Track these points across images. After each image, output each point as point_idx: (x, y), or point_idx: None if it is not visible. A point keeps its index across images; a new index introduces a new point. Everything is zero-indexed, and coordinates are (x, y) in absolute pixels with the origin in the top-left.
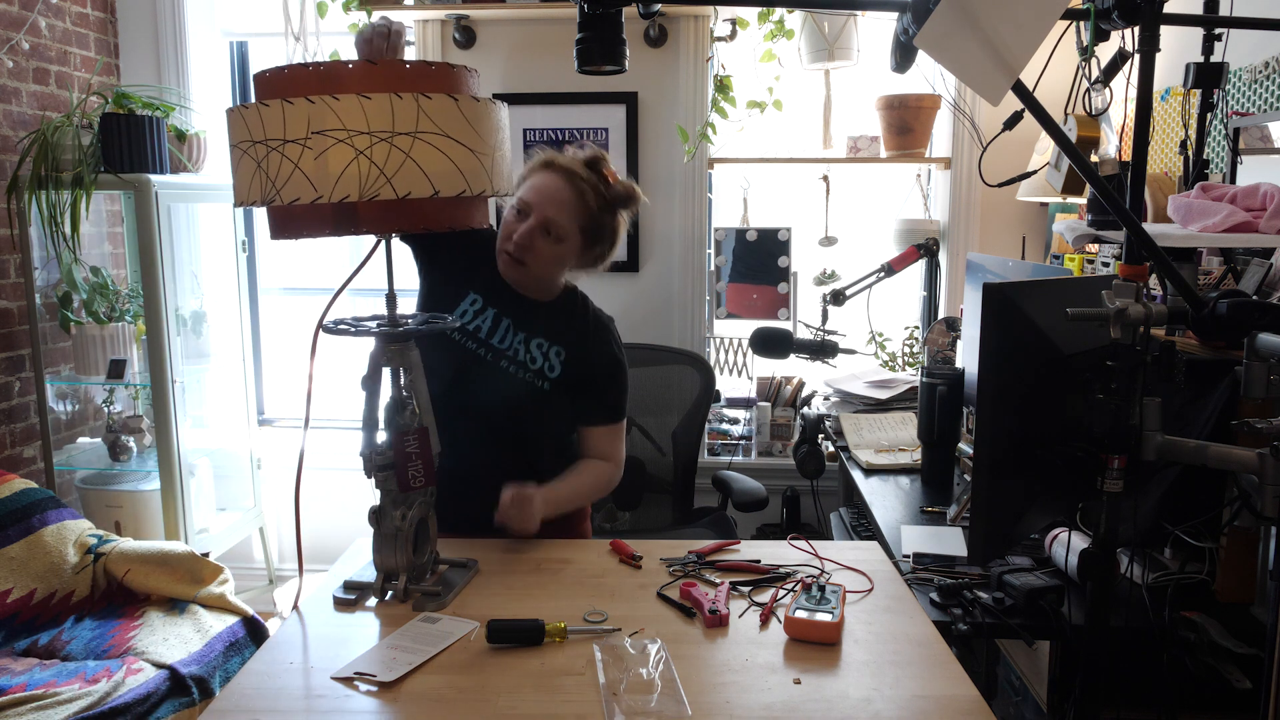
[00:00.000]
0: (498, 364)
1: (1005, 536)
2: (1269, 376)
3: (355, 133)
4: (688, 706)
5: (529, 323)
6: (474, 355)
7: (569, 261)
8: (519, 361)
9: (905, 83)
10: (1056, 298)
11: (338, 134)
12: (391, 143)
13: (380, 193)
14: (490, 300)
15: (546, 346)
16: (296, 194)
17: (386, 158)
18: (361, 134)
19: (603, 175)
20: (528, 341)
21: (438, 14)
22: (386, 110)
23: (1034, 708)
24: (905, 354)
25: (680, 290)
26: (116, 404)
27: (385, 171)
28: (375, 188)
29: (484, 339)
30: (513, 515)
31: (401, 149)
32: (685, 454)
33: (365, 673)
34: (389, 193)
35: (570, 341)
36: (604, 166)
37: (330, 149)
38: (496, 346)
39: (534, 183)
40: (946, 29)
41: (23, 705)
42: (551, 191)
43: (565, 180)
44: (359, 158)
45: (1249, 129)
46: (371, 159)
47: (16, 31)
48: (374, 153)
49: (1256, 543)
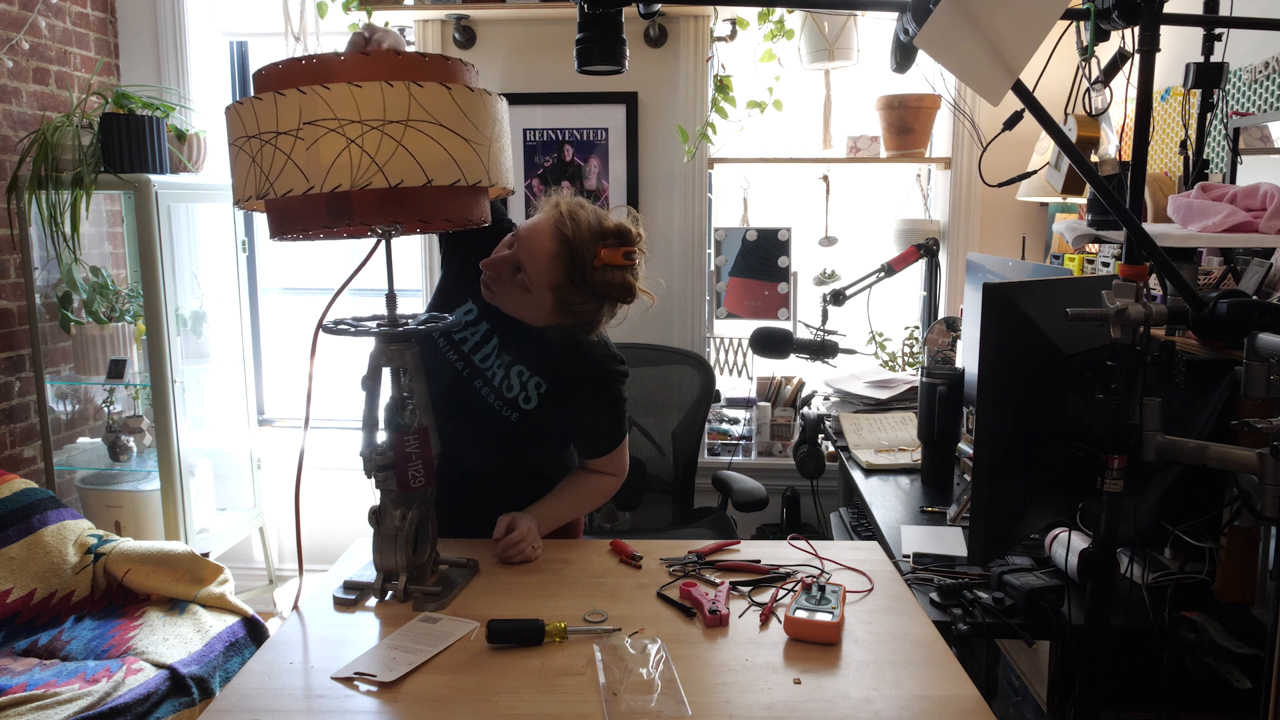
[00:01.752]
0: (471, 383)
1: (1005, 536)
2: (1269, 376)
3: (346, 121)
4: (688, 706)
5: (516, 346)
6: (452, 368)
7: (540, 315)
8: (493, 386)
9: (905, 83)
10: (1056, 298)
11: (329, 123)
12: (383, 131)
13: (372, 181)
14: (485, 313)
15: (527, 376)
16: (290, 185)
17: (378, 146)
18: (353, 123)
19: (595, 255)
20: (509, 367)
21: (438, 14)
22: (378, 99)
23: (1034, 708)
24: (905, 354)
25: (680, 290)
26: (116, 404)
27: (377, 160)
28: (367, 176)
29: (466, 353)
30: (512, 555)
31: (394, 137)
32: (685, 454)
33: (365, 673)
34: (381, 181)
35: (555, 377)
36: (631, 234)
37: (322, 138)
38: (476, 364)
39: (535, 219)
40: (946, 29)
41: (23, 705)
42: (536, 239)
43: (553, 236)
44: (350, 146)
45: (1249, 129)
46: (363, 147)
47: (16, 31)
48: (365, 141)
49: (1256, 543)
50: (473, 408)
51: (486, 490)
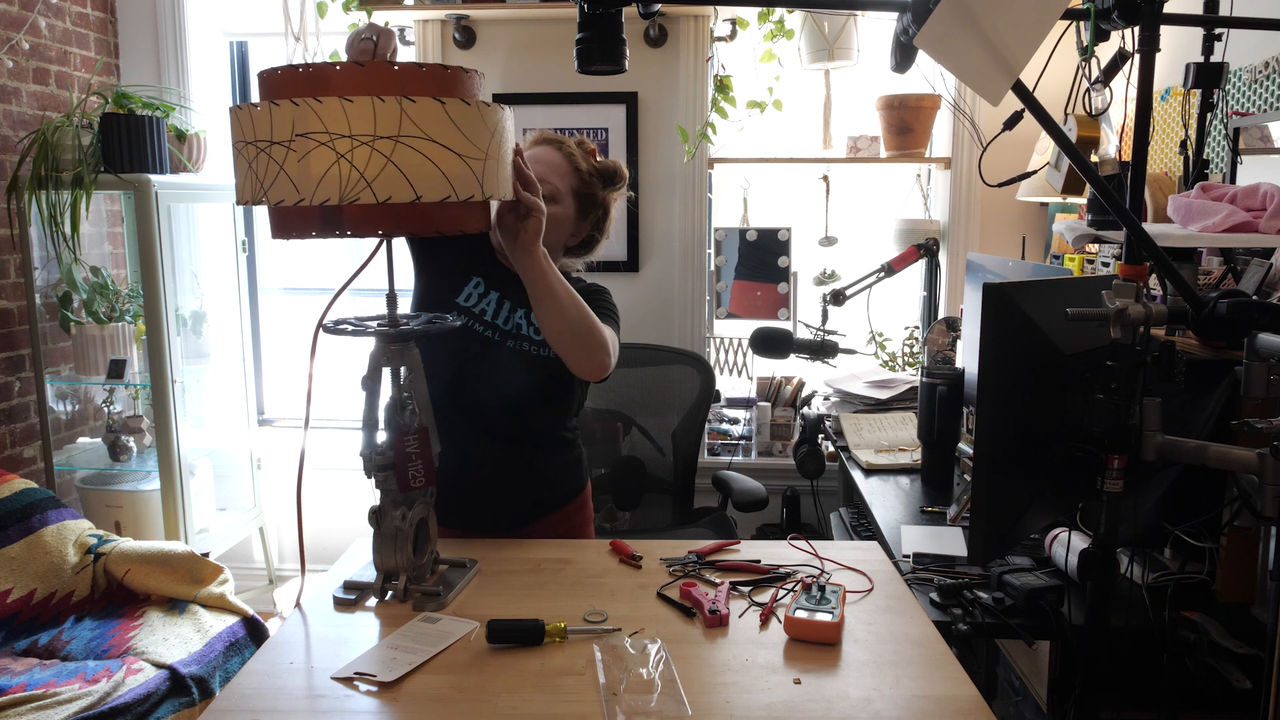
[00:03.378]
0: (504, 344)
1: (1005, 536)
2: (1269, 376)
3: (337, 135)
4: (688, 706)
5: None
6: (482, 338)
7: (567, 229)
8: (522, 336)
9: (905, 83)
10: (1056, 298)
11: (319, 136)
12: (373, 146)
13: (360, 197)
14: (493, 283)
15: None
16: (281, 195)
17: (367, 161)
18: (343, 137)
19: (589, 151)
20: (528, 315)
21: (438, 14)
22: (369, 114)
23: (1034, 708)
24: (905, 354)
25: (680, 290)
26: (116, 404)
27: (365, 175)
28: (355, 192)
29: (490, 320)
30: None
31: (383, 153)
32: (685, 454)
33: (365, 673)
34: (369, 197)
35: None
36: (588, 145)
37: (312, 151)
38: (502, 327)
39: (530, 152)
40: (946, 29)
41: (23, 705)
42: (540, 156)
43: (553, 147)
44: (339, 161)
45: (1249, 129)
46: (352, 163)
47: (16, 31)
48: (355, 156)
49: (1256, 543)
50: (515, 363)
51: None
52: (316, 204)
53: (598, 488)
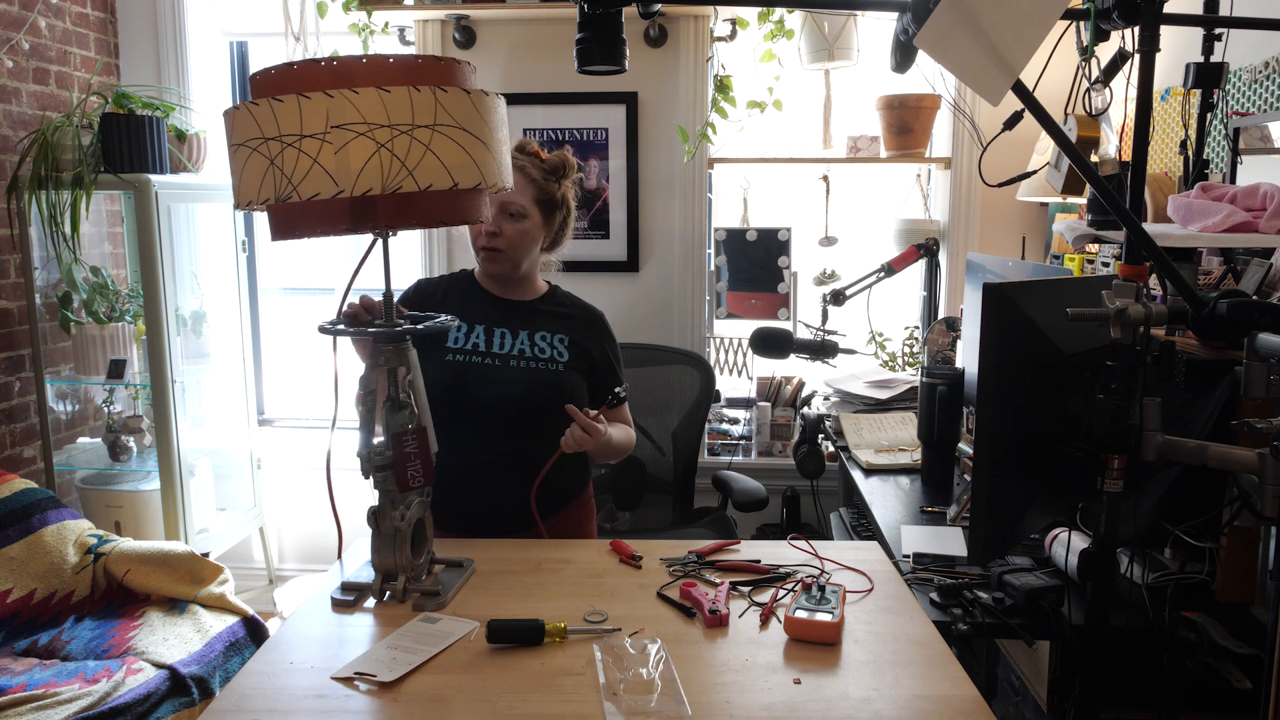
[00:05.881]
0: (507, 365)
1: (1005, 536)
2: (1269, 376)
3: (376, 125)
4: (688, 706)
5: (527, 321)
6: (482, 367)
7: (538, 236)
8: (528, 356)
9: (905, 83)
10: (1056, 298)
11: (358, 127)
12: (412, 135)
13: (403, 185)
14: (476, 319)
15: (550, 336)
16: (316, 189)
17: (408, 150)
18: (382, 127)
19: (533, 153)
20: (531, 337)
21: (438, 14)
22: (406, 103)
23: (1034, 708)
24: (905, 354)
25: (680, 290)
26: (116, 404)
27: (407, 164)
28: (398, 180)
29: (485, 350)
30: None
31: (422, 141)
32: (685, 454)
33: (365, 673)
34: (411, 185)
35: (570, 329)
36: (530, 147)
37: (351, 142)
38: (501, 353)
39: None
40: (946, 29)
41: (23, 705)
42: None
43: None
44: (380, 151)
45: (1249, 129)
46: (393, 152)
47: (16, 31)
48: (395, 145)
49: (1256, 543)
50: (524, 379)
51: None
52: (358, 195)
53: (598, 488)
